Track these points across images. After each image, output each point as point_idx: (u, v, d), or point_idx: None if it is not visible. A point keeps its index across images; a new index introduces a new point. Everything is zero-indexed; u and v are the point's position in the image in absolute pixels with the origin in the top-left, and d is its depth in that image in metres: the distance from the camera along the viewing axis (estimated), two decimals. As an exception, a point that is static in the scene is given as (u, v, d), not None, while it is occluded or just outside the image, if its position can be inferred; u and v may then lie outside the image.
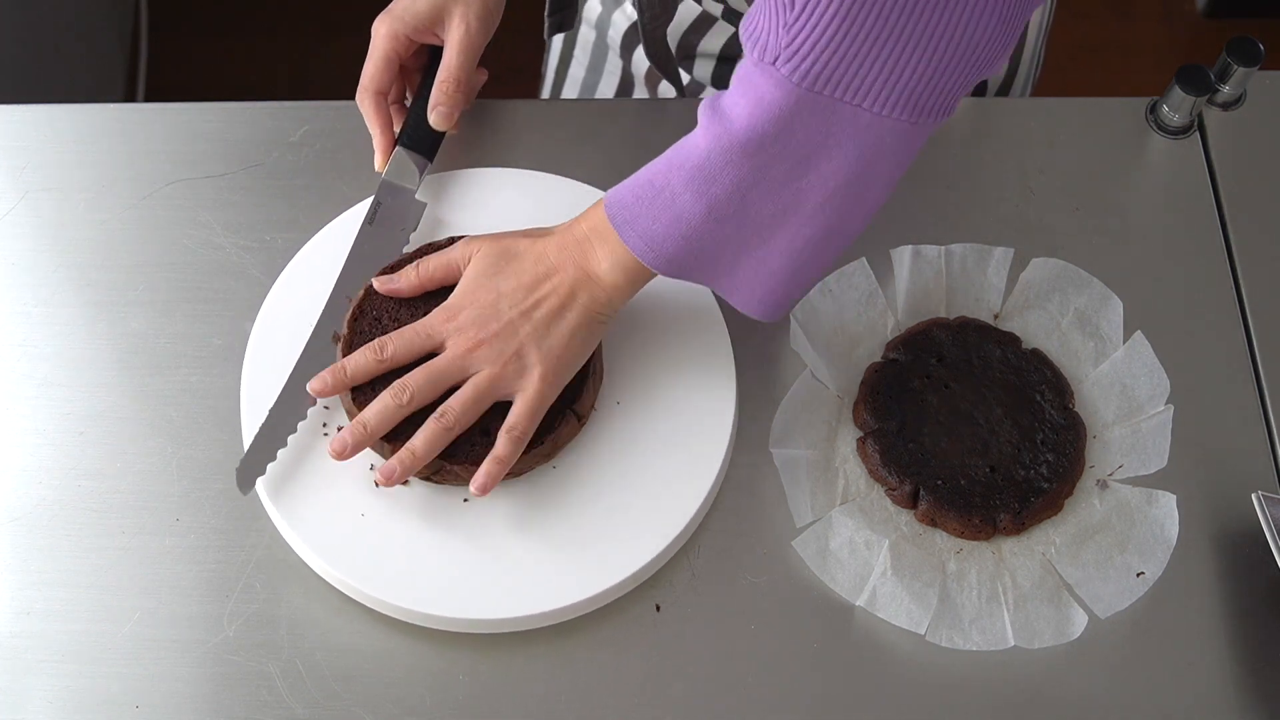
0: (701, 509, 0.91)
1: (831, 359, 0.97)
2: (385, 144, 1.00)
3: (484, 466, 0.87)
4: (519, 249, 0.90)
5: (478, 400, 0.88)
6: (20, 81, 1.74)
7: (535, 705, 0.88)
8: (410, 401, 0.87)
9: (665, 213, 0.84)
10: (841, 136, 0.80)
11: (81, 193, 1.03)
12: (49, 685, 0.88)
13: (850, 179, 0.82)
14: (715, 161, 0.82)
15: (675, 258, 0.86)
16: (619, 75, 1.23)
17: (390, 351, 0.89)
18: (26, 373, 0.97)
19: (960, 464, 0.93)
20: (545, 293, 0.88)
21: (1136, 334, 0.98)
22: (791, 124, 0.79)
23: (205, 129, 1.06)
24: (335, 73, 2.18)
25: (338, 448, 0.87)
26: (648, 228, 0.85)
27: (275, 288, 0.97)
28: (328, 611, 0.90)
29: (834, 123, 0.79)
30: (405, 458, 0.87)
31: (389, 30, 0.98)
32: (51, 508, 0.92)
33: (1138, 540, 0.92)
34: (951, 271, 1.00)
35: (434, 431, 0.87)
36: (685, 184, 0.83)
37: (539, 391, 0.88)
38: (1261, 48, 1.04)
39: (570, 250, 0.88)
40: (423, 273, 0.91)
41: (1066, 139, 1.07)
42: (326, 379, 0.89)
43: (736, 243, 0.85)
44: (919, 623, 0.89)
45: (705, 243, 0.85)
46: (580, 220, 0.89)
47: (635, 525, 0.90)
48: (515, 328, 0.88)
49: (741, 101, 0.80)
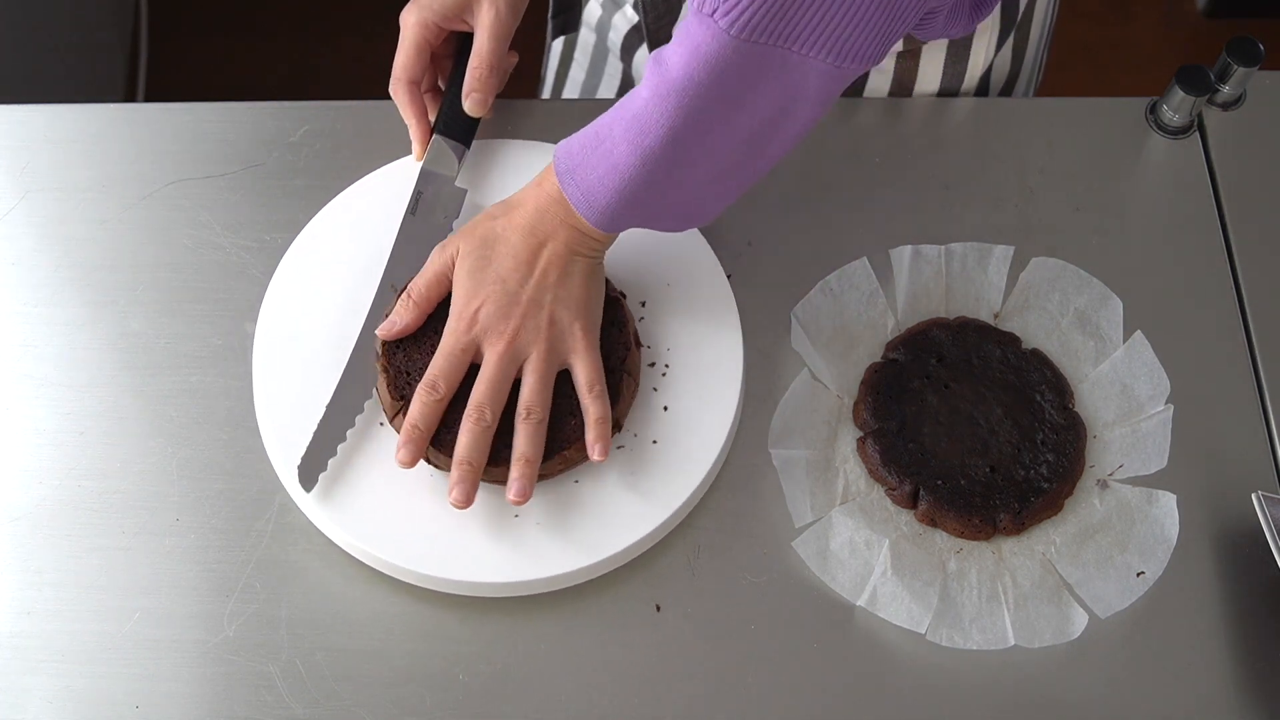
0: (703, 485, 0.92)
1: (831, 359, 0.97)
2: (422, 133, 1.01)
3: (592, 433, 0.89)
4: (497, 231, 0.90)
5: (545, 382, 0.90)
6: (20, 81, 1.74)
7: (535, 705, 0.88)
8: (492, 419, 0.89)
9: (602, 163, 0.86)
10: (770, 80, 0.82)
11: (81, 193, 1.03)
12: (49, 685, 0.88)
13: (772, 118, 0.84)
14: (651, 109, 0.83)
15: (608, 209, 0.87)
16: (619, 78, 1.23)
17: (443, 388, 0.89)
18: (26, 373, 0.97)
19: (960, 464, 0.93)
20: (547, 260, 0.89)
21: (1136, 334, 0.98)
22: (725, 71, 0.81)
23: (205, 129, 1.06)
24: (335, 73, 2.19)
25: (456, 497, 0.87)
26: (585, 178, 0.86)
27: (274, 283, 0.97)
28: (328, 611, 0.90)
29: (764, 68, 0.81)
30: (524, 469, 0.88)
31: (418, 19, 0.99)
32: (51, 508, 0.92)
33: (1138, 540, 0.92)
34: (951, 271, 1.00)
35: (529, 432, 0.89)
36: (624, 133, 0.84)
37: (587, 345, 0.90)
38: (1261, 48, 1.04)
39: (550, 212, 0.89)
40: (417, 297, 0.92)
41: (1066, 139, 1.07)
42: (410, 447, 0.88)
43: (665, 189, 0.86)
44: (920, 622, 0.89)
45: (638, 192, 0.86)
46: (547, 177, 0.90)
47: (640, 496, 0.91)
48: (539, 300, 0.89)
49: (679, 51, 0.82)
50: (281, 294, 0.97)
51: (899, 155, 1.06)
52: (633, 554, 0.90)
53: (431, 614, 0.90)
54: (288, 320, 0.96)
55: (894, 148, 1.06)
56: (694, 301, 0.97)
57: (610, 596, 0.90)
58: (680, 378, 0.94)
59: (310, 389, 0.93)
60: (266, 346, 0.95)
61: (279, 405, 0.93)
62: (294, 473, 0.90)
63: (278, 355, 0.94)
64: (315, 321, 0.95)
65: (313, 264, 0.98)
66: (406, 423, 0.89)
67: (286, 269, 0.98)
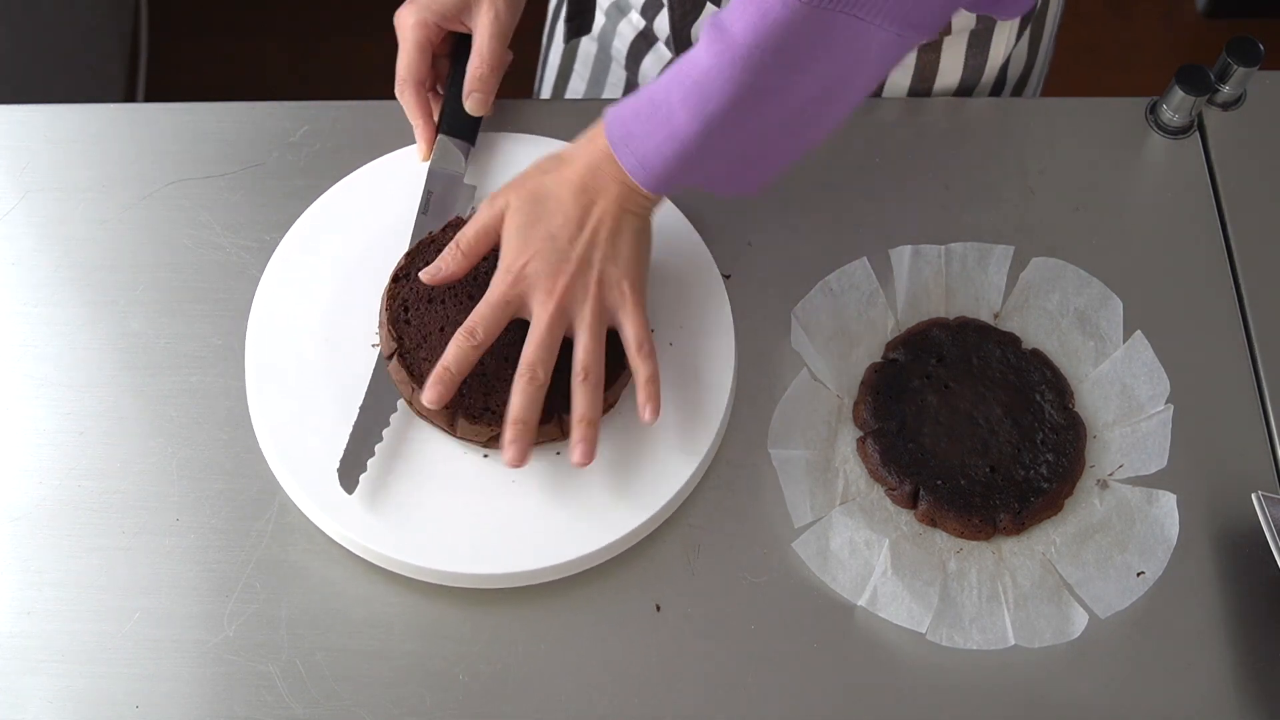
0: (694, 478, 0.92)
1: (831, 359, 0.97)
2: (428, 133, 1.01)
3: (643, 393, 0.88)
4: (548, 186, 0.90)
5: (599, 341, 0.89)
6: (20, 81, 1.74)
7: (535, 705, 0.88)
8: (545, 377, 0.88)
9: (660, 130, 0.86)
10: (834, 47, 0.82)
11: (81, 193, 1.03)
12: (49, 685, 0.88)
13: (832, 85, 0.84)
14: (713, 76, 0.83)
15: (666, 175, 0.87)
16: (622, 88, 1.23)
17: (481, 335, 0.88)
18: (26, 373, 0.97)
19: (960, 464, 0.93)
20: (597, 217, 0.89)
21: (1136, 334, 0.98)
22: (791, 35, 0.81)
23: (205, 129, 1.06)
24: (335, 73, 2.19)
25: (510, 454, 0.87)
26: (641, 146, 0.86)
27: (263, 283, 0.97)
28: (328, 611, 0.90)
29: (830, 34, 0.82)
30: (585, 431, 0.87)
31: (418, 19, 0.99)
32: (51, 508, 0.92)
33: (1138, 540, 0.92)
34: (951, 271, 1.00)
35: (586, 392, 0.88)
36: (682, 100, 0.84)
37: (636, 304, 0.90)
38: (1261, 48, 1.04)
39: (602, 169, 0.89)
40: (464, 249, 0.91)
41: (1066, 139, 1.07)
42: (440, 390, 0.88)
43: (723, 154, 0.86)
44: (920, 622, 0.89)
45: (695, 157, 0.86)
46: (598, 135, 0.89)
47: (631, 491, 0.91)
48: (588, 258, 0.89)
49: (744, 16, 0.82)
50: (270, 294, 0.97)
51: (899, 155, 1.06)
52: (624, 546, 0.90)
53: (431, 614, 0.90)
54: (278, 320, 0.95)
55: (894, 148, 1.06)
56: (688, 295, 0.97)
57: (610, 597, 0.90)
58: (674, 367, 0.94)
59: (304, 388, 0.93)
60: (258, 347, 0.95)
61: (273, 405, 0.92)
62: (293, 471, 0.90)
63: (269, 355, 0.94)
64: (305, 320, 0.95)
65: (301, 263, 0.98)
66: (440, 364, 0.88)
67: (273, 270, 0.97)
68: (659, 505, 0.90)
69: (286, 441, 0.91)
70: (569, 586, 0.90)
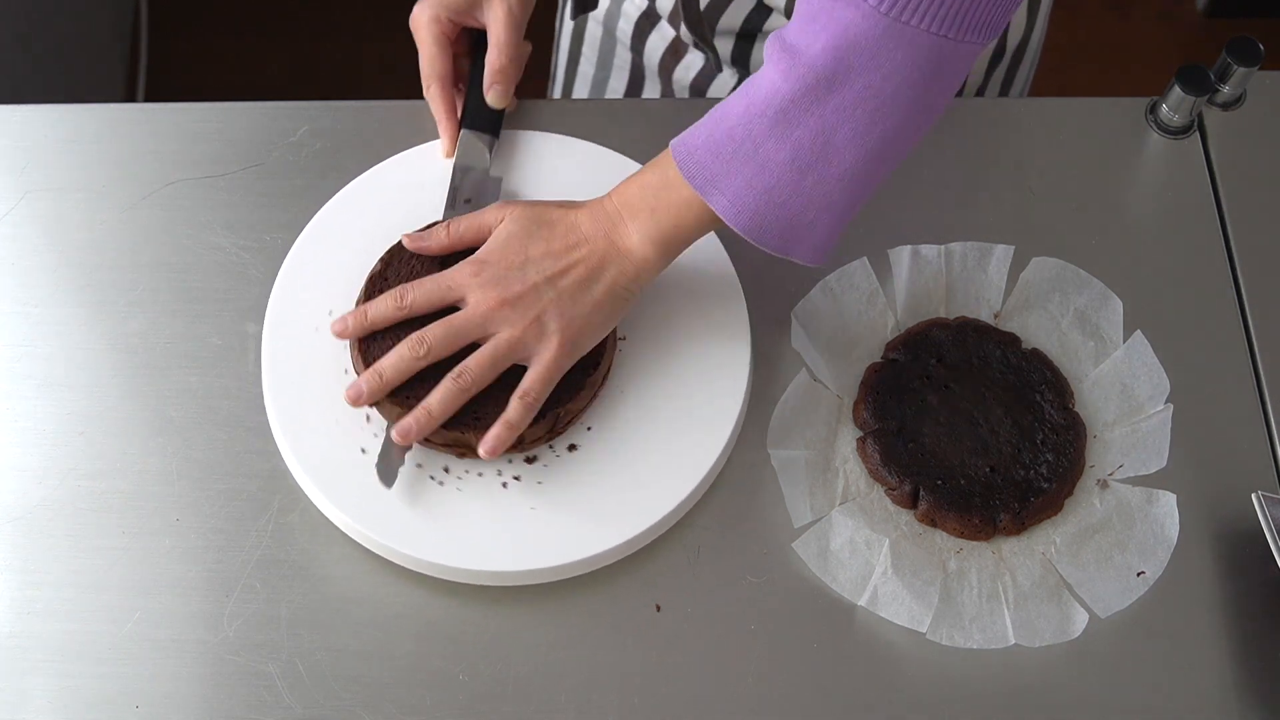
0: (705, 482, 0.92)
1: (831, 359, 0.97)
2: (451, 129, 1.01)
3: (494, 430, 0.88)
4: (552, 217, 0.90)
5: (495, 362, 0.88)
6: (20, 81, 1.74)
7: (535, 705, 0.88)
8: (427, 354, 0.88)
9: (748, 164, 0.83)
10: (914, 63, 0.80)
11: (81, 193, 1.03)
12: (49, 685, 0.88)
13: (916, 108, 0.82)
14: (798, 104, 0.81)
15: (758, 211, 0.84)
16: (629, 69, 1.23)
17: (410, 299, 0.90)
18: (26, 373, 0.97)
19: (960, 464, 0.93)
20: (573, 260, 0.88)
21: (1136, 334, 0.98)
22: (876, 55, 0.79)
23: (205, 129, 1.06)
24: (335, 72, 2.19)
25: (353, 394, 0.89)
26: (730, 184, 0.84)
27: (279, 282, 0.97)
28: (328, 611, 0.90)
29: (909, 49, 0.79)
30: (421, 416, 0.88)
31: (432, 15, 0.99)
32: (51, 508, 0.92)
33: (1138, 540, 0.92)
34: (951, 271, 1.00)
35: (450, 391, 0.88)
36: (768, 131, 0.82)
37: (555, 359, 0.88)
38: (1261, 48, 1.04)
39: (601, 223, 0.89)
40: (453, 232, 0.92)
41: (1066, 139, 1.07)
42: (348, 321, 0.90)
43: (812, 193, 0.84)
44: (920, 621, 0.89)
45: (786, 194, 0.84)
46: (612, 195, 0.90)
47: (643, 487, 0.91)
48: (539, 292, 0.88)
49: (823, 36, 0.80)
50: (288, 290, 0.97)
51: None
52: (629, 550, 0.90)
53: (432, 614, 0.90)
54: (295, 317, 0.96)
55: (894, 148, 1.06)
56: (702, 300, 0.97)
57: (610, 596, 0.90)
58: (684, 373, 0.94)
59: (322, 384, 0.93)
60: (274, 343, 0.95)
61: (290, 401, 0.92)
62: (308, 465, 0.90)
63: (286, 352, 0.94)
64: (322, 317, 0.95)
65: (318, 260, 0.98)
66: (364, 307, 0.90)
67: (291, 266, 0.98)
68: (665, 511, 0.90)
69: (299, 435, 0.91)
70: (569, 587, 0.90)
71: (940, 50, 0.80)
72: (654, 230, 0.88)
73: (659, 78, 1.22)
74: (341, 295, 0.96)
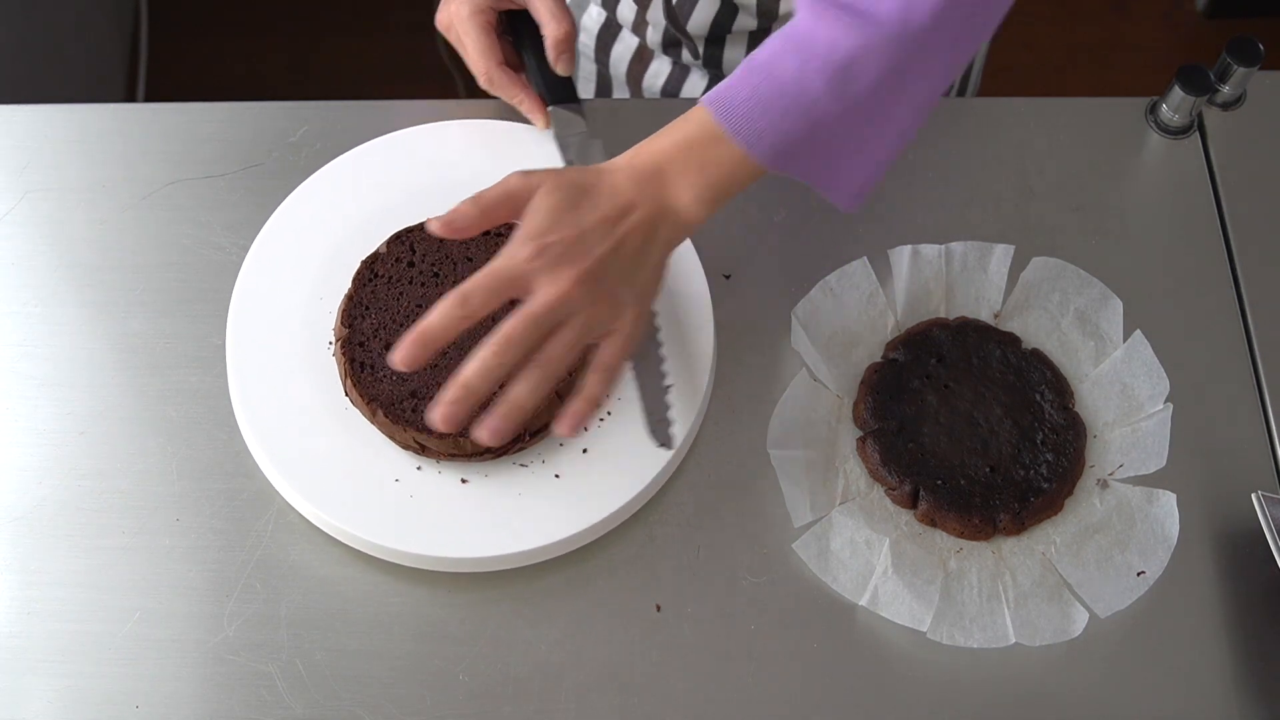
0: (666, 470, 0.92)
1: (831, 359, 0.97)
2: (535, 102, 1.01)
3: (575, 405, 0.83)
4: (589, 181, 0.85)
5: (577, 345, 0.83)
6: (20, 81, 1.75)
7: (535, 705, 0.88)
8: (513, 359, 0.81)
9: (801, 120, 0.83)
10: (972, 15, 0.81)
11: (81, 193, 1.03)
12: (49, 685, 0.88)
13: (955, 60, 0.84)
14: (860, 60, 0.81)
15: (797, 155, 0.84)
16: (595, 80, 1.23)
17: (475, 304, 0.80)
18: (26, 373, 0.97)
19: (960, 464, 0.93)
20: (629, 227, 0.84)
21: (1136, 333, 0.98)
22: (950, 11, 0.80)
23: (205, 129, 1.06)
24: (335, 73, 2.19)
25: (445, 415, 0.80)
26: (778, 140, 0.83)
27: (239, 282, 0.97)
28: (328, 611, 0.90)
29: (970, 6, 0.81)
30: (510, 412, 0.81)
31: (473, 8, 0.99)
32: (51, 508, 0.92)
33: (1138, 540, 0.92)
34: (951, 271, 1.00)
35: (537, 379, 0.82)
36: (825, 87, 0.81)
37: (632, 331, 0.85)
38: (1261, 48, 1.04)
39: (646, 184, 0.85)
40: (484, 205, 0.84)
41: (1066, 139, 1.07)
42: (415, 351, 0.80)
43: (859, 139, 0.84)
44: (921, 620, 0.89)
45: (832, 140, 0.83)
46: (641, 154, 0.86)
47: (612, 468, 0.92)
48: (606, 265, 0.83)
49: None
50: (249, 290, 0.97)
51: (899, 154, 1.06)
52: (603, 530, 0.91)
53: (431, 614, 0.90)
54: (258, 316, 0.96)
55: (894, 148, 1.06)
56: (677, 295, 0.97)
57: (610, 597, 0.90)
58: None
59: (287, 383, 0.93)
60: (238, 345, 0.95)
61: (258, 403, 0.93)
62: (281, 469, 0.90)
63: (251, 353, 0.94)
64: (286, 315, 0.96)
65: (276, 261, 0.98)
66: (422, 326, 0.80)
67: (250, 268, 0.98)
68: (630, 495, 0.91)
69: (269, 434, 0.92)
70: (569, 586, 0.90)
71: None
72: (704, 187, 0.85)
73: (627, 85, 1.22)
74: (304, 300, 0.96)
